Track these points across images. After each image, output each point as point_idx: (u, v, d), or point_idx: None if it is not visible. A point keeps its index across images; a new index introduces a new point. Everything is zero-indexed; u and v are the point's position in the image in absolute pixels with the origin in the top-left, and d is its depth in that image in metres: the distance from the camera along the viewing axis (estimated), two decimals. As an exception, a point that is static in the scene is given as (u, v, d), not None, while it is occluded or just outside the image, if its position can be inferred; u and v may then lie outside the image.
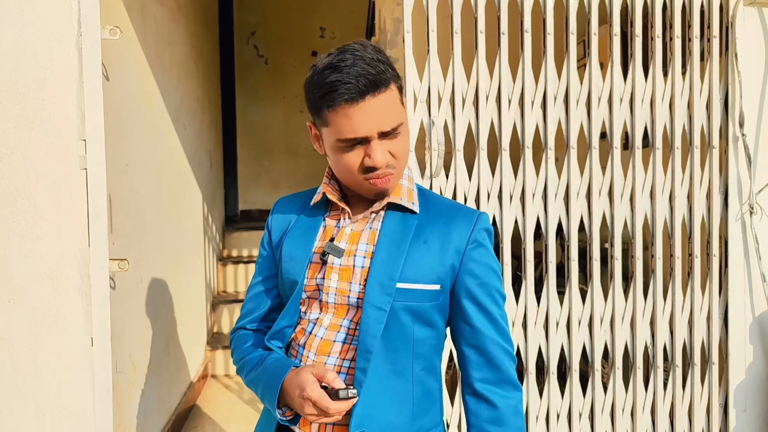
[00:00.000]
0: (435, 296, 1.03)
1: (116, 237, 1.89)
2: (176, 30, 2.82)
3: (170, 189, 2.65)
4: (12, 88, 1.54)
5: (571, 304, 1.96)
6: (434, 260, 1.03)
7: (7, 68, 1.53)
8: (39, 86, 1.55)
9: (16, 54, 1.53)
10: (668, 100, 2.00)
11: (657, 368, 2.03)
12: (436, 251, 1.03)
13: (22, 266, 1.55)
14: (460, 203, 1.16)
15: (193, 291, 3.08)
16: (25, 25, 1.53)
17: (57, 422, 1.57)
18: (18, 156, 1.55)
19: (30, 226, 1.56)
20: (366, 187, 1.01)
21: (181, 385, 2.73)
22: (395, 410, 1.02)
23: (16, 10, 1.53)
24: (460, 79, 1.85)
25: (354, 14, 5.19)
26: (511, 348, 1.08)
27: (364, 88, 0.94)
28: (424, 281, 1.02)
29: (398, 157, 1.01)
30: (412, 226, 1.04)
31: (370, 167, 0.98)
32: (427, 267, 1.02)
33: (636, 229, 1.99)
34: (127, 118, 2.04)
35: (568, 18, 1.92)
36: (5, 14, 1.52)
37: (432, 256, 1.03)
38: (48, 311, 1.57)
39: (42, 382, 1.57)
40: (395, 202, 1.05)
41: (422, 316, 1.03)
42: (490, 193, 1.90)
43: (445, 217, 1.07)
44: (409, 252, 1.02)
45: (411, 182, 1.10)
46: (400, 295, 1.01)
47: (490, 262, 1.07)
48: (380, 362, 1.01)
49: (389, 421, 1.01)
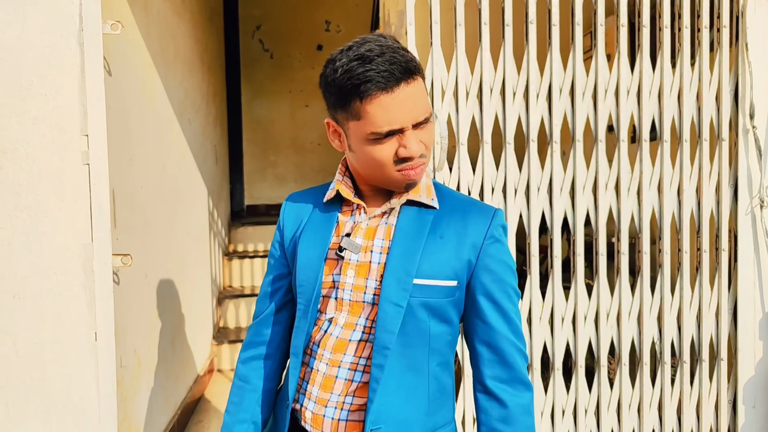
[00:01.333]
0: (451, 292, 1.02)
1: (120, 232, 1.89)
2: (180, 24, 2.81)
3: (175, 184, 2.65)
4: (15, 84, 1.54)
5: (577, 299, 1.94)
6: (451, 255, 1.01)
7: (9, 64, 1.53)
8: (41, 82, 1.55)
9: (19, 49, 1.53)
10: (677, 92, 1.97)
11: (664, 364, 2.01)
12: (453, 246, 1.02)
13: (26, 261, 1.56)
14: (475, 198, 1.15)
15: (199, 286, 3.09)
16: (28, 20, 1.53)
17: (62, 416, 1.58)
18: (21, 151, 1.55)
19: (33, 222, 1.56)
20: (396, 179, 1.00)
21: (186, 380, 2.74)
22: (410, 406, 1.02)
23: (18, 5, 1.52)
24: (464, 71, 1.83)
25: (359, 7, 5.17)
26: (524, 346, 1.07)
27: (400, 75, 0.92)
28: (440, 277, 1.01)
29: (429, 147, 1.01)
30: (428, 222, 1.03)
31: (405, 158, 0.97)
32: (444, 262, 1.01)
33: (643, 223, 1.96)
34: (131, 113, 2.03)
35: (574, 9, 1.89)
36: (8, 10, 1.52)
37: (448, 252, 1.02)
38: (52, 306, 1.57)
39: (47, 377, 1.57)
40: (415, 199, 1.04)
41: (438, 311, 1.02)
42: (495, 187, 1.88)
43: (461, 212, 1.06)
44: (426, 247, 1.01)
45: (429, 177, 1.09)
46: (417, 291, 1.00)
47: (506, 259, 1.06)
48: (396, 358, 1.00)
49: (404, 417, 1.01)
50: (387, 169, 0.99)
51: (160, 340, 2.30)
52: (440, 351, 1.04)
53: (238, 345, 3.50)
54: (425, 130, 0.99)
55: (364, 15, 4.91)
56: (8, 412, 1.57)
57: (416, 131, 0.97)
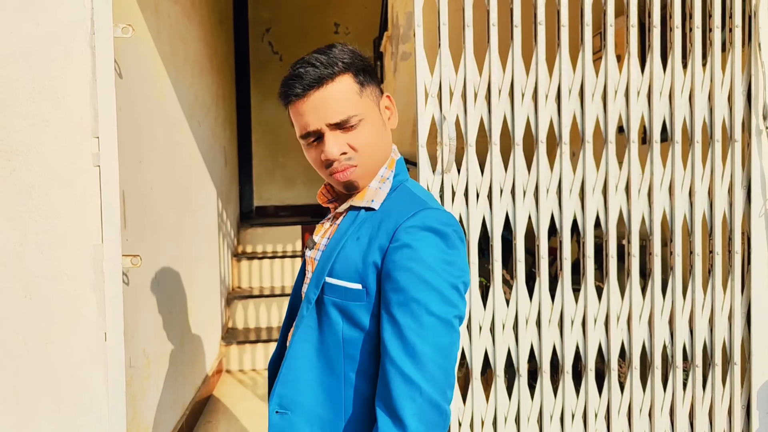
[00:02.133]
0: (359, 296, 0.97)
1: (129, 233, 1.91)
2: (190, 27, 2.83)
3: (184, 185, 2.67)
4: (27, 87, 1.56)
5: (587, 301, 1.93)
6: (357, 258, 0.98)
7: (22, 67, 1.55)
8: (53, 84, 1.56)
9: (31, 53, 1.55)
10: (688, 93, 1.95)
11: (676, 368, 1.98)
12: (363, 248, 0.98)
13: (37, 262, 1.57)
14: (426, 201, 1.01)
15: (208, 287, 3.11)
16: (40, 24, 1.55)
17: (71, 416, 1.59)
18: (33, 153, 1.57)
19: (45, 223, 1.57)
20: (333, 180, 1.04)
21: (195, 380, 2.75)
22: (327, 405, 1.01)
23: (31, 9, 1.54)
24: (472, 73, 1.82)
25: (368, 9, 5.18)
26: (417, 372, 0.90)
27: (312, 80, 0.97)
28: (346, 278, 0.99)
29: (358, 150, 1.00)
30: (358, 223, 1.02)
31: (327, 160, 1.00)
32: (351, 264, 0.98)
33: (654, 225, 1.95)
34: (141, 116, 2.05)
35: (583, 10, 1.88)
36: (21, 14, 1.54)
37: (357, 254, 0.98)
38: (62, 306, 1.58)
39: (57, 376, 1.59)
40: (353, 204, 1.05)
41: (348, 314, 0.99)
42: (503, 189, 1.87)
43: (388, 212, 1.00)
44: (342, 248, 1.01)
45: (384, 182, 1.05)
46: (328, 290, 1.01)
47: (414, 267, 0.92)
48: (315, 354, 1.02)
49: (314, 409, 1.02)
50: (322, 172, 1.04)
51: (169, 341, 2.31)
52: (357, 358, 0.99)
53: (247, 346, 3.51)
54: (354, 133, 0.99)
55: (373, 17, 4.91)
56: (20, 412, 1.58)
57: (339, 134, 0.99)
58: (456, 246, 0.96)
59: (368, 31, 5.01)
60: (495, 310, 1.88)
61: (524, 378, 1.91)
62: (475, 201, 1.85)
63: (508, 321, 1.89)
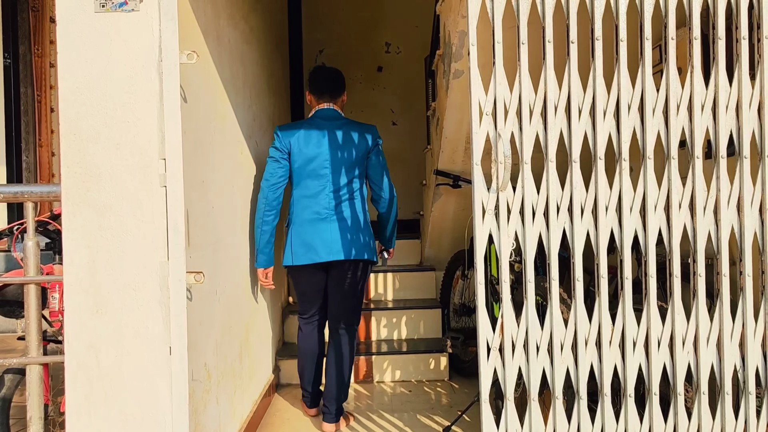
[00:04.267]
0: None
1: (193, 250, 1.98)
2: (249, 51, 2.94)
3: (243, 203, 2.75)
4: (101, 112, 1.66)
5: (650, 323, 1.85)
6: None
7: (96, 94, 1.65)
8: (124, 110, 1.66)
9: (105, 80, 1.65)
10: (756, 106, 1.86)
11: (749, 394, 1.87)
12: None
13: (108, 278, 1.66)
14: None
15: (265, 301, 3.18)
16: (113, 53, 1.65)
17: (138, 428, 1.65)
18: (105, 175, 1.66)
19: (116, 241, 1.66)
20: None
21: (252, 394, 2.81)
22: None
23: (105, 39, 1.65)
24: (527, 90, 1.81)
25: (419, 28, 5.22)
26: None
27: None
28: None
29: None
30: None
31: None
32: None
33: (722, 243, 1.86)
34: (204, 137, 2.14)
35: (643, 23, 1.83)
36: (96, 44, 1.65)
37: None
38: (131, 321, 1.66)
39: (125, 389, 1.66)
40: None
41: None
42: (560, 206, 1.84)
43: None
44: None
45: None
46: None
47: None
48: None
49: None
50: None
51: (228, 355, 2.37)
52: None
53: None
54: None
55: (424, 36, 4.95)
56: (91, 424, 1.66)
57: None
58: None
59: (419, 50, 5.05)
60: (553, 329, 1.84)
61: (584, 400, 1.85)
62: (531, 218, 1.83)
63: (566, 341, 1.85)
